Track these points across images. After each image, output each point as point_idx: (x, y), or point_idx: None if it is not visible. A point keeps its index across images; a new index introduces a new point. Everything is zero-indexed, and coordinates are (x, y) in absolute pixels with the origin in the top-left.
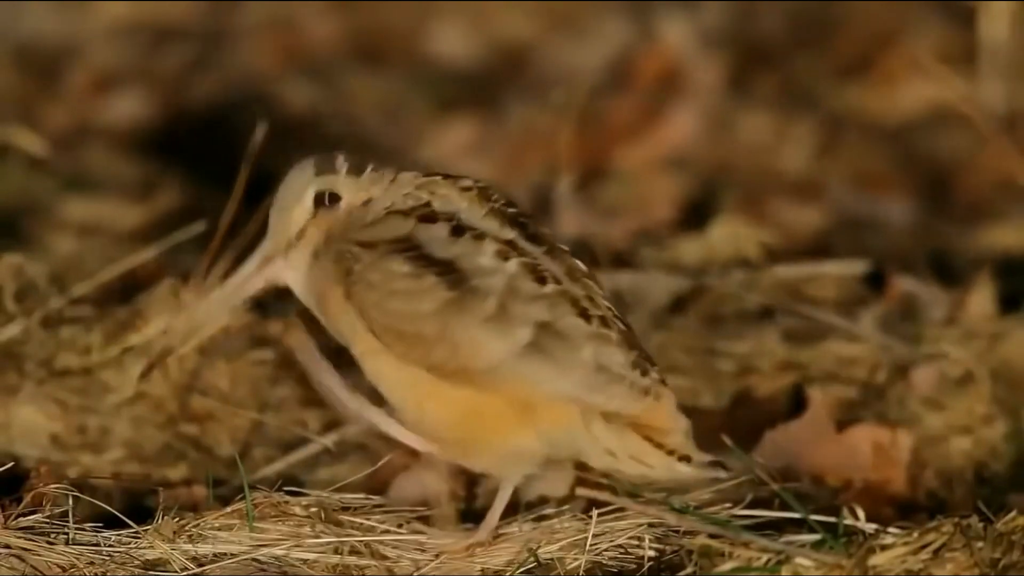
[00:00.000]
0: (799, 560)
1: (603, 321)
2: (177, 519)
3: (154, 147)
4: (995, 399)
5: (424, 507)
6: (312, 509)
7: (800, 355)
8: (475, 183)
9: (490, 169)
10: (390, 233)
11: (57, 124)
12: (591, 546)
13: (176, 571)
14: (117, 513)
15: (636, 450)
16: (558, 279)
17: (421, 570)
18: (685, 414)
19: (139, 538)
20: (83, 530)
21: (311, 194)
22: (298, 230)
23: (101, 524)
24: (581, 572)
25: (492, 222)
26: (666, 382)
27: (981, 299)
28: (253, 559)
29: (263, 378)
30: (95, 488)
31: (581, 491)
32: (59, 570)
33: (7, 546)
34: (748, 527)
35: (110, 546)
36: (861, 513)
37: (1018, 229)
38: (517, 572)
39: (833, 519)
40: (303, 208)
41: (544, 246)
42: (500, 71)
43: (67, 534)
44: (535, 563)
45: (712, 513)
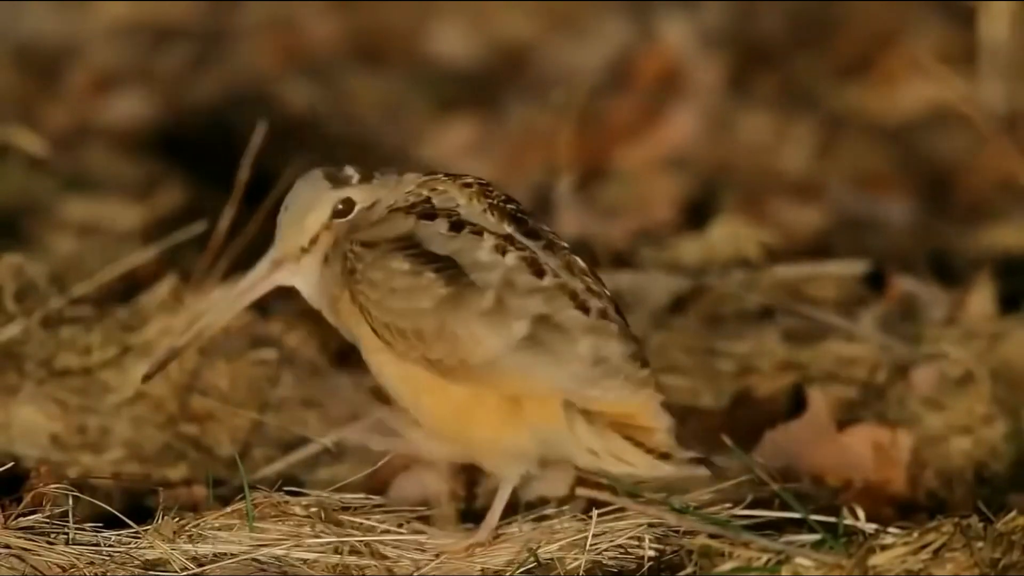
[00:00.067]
0: (799, 560)
1: (602, 314)
2: (177, 519)
3: (154, 147)
4: (995, 399)
5: (424, 507)
6: (312, 509)
7: (800, 355)
8: (475, 180)
9: (490, 169)
10: (392, 231)
11: (57, 124)
12: (591, 546)
13: (176, 571)
14: (117, 513)
15: (618, 449)
16: (556, 273)
17: (421, 570)
18: (685, 414)
19: (139, 538)
20: (83, 530)
21: (329, 206)
22: (311, 238)
23: (101, 524)
24: (581, 572)
25: (491, 218)
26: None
27: (981, 299)
28: (253, 559)
29: (263, 378)
30: (95, 488)
31: (581, 491)
32: (59, 570)
33: (7, 546)
34: (748, 527)
35: (110, 546)
36: (861, 513)
37: (1018, 229)
38: (517, 572)
39: (833, 519)
40: (317, 217)
41: (542, 241)
42: (500, 71)
43: (67, 534)
44: (535, 563)
45: (712, 513)
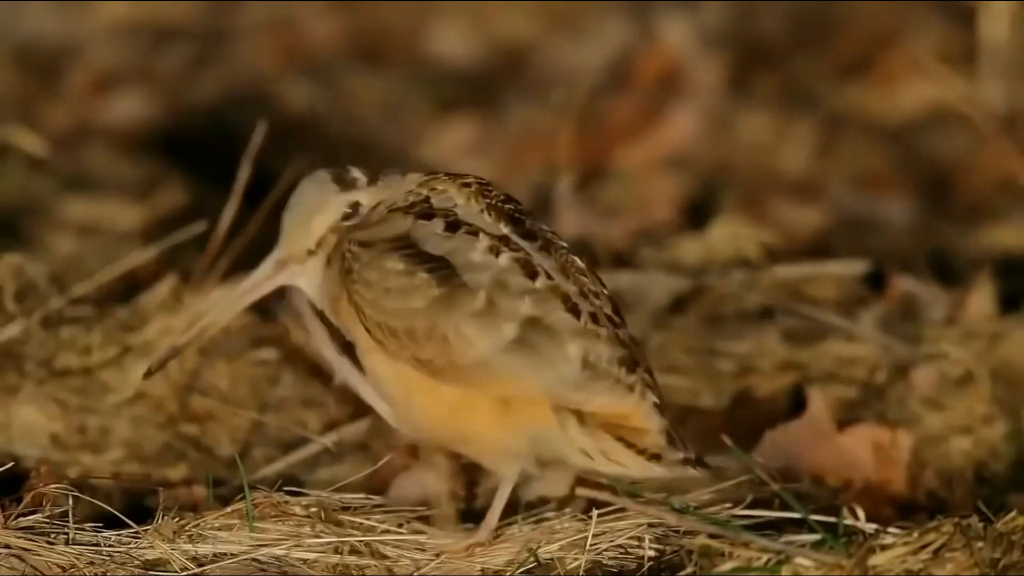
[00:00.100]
0: (799, 560)
1: (593, 317)
2: (177, 519)
3: (154, 147)
4: (995, 399)
5: (424, 507)
6: (312, 509)
7: (800, 355)
8: (475, 180)
9: (490, 169)
10: (389, 232)
11: (57, 124)
12: (591, 546)
13: (176, 571)
14: (117, 513)
15: (609, 450)
16: (550, 275)
17: (421, 570)
18: (685, 414)
19: (139, 538)
20: (83, 530)
21: (338, 209)
22: (318, 240)
23: (101, 524)
24: (581, 572)
25: (488, 218)
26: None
27: (981, 299)
28: (253, 559)
29: (263, 378)
30: (95, 488)
31: (581, 491)
32: (59, 570)
33: (7, 546)
34: (748, 527)
35: (110, 546)
36: (861, 513)
37: (1018, 229)
38: (517, 572)
39: (833, 519)
40: (324, 220)
41: (538, 241)
42: (500, 71)
43: (67, 534)
44: (535, 563)
45: (712, 513)
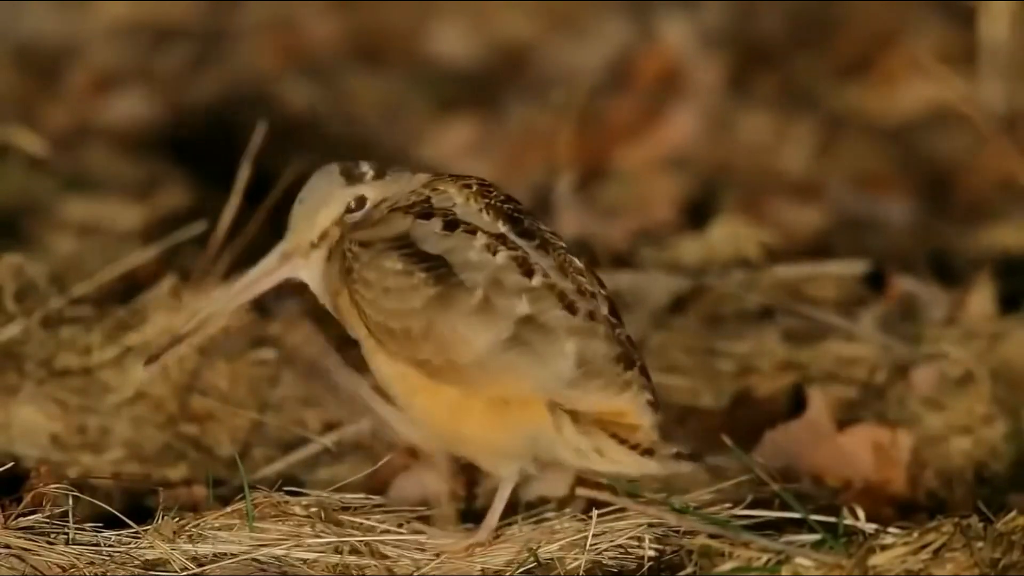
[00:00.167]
0: (799, 560)
1: (590, 315)
2: (177, 519)
3: (154, 147)
4: (995, 399)
5: (424, 507)
6: (312, 509)
7: (800, 355)
8: (476, 181)
9: (490, 169)
10: (389, 231)
11: (57, 124)
12: (591, 546)
13: (176, 571)
14: (117, 513)
15: (604, 448)
16: (547, 273)
17: (421, 570)
18: (685, 414)
19: (139, 538)
20: (83, 530)
21: (342, 202)
22: (321, 233)
23: (101, 524)
24: (581, 572)
25: (486, 217)
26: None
27: (981, 299)
28: (253, 559)
29: (263, 378)
30: (95, 488)
31: (581, 491)
32: (59, 570)
33: (7, 546)
34: (748, 527)
35: (110, 546)
36: (861, 513)
37: (1018, 229)
38: (517, 572)
39: (833, 519)
40: (329, 212)
41: (536, 240)
42: (500, 71)
43: (67, 534)
44: (535, 563)
45: (712, 513)
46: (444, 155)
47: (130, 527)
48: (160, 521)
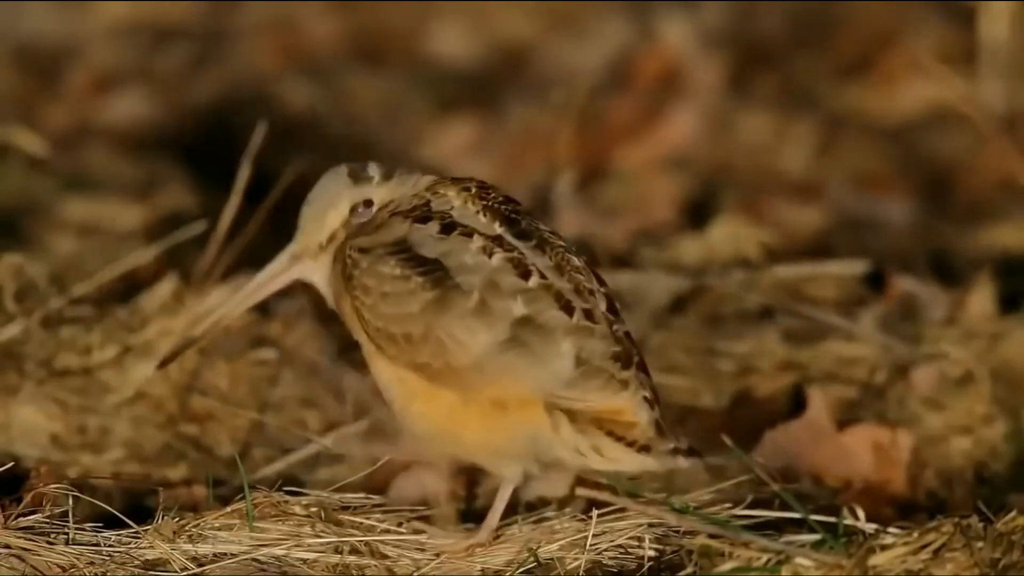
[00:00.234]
0: (799, 560)
1: (587, 314)
2: (177, 519)
3: (154, 147)
4: (995, 399)
5: (424, 507)
6: (312, 509)
7: (800, 355)
8: (476, 183)
9: (490, 169)
10: (388, 236)
11: (57, 124)
12: (591, 546)
13: (176, 571)
14: (117, 513)
15: (601, 446)
16: (543, 274)
17: (421, 570)
18: (685, 414)
19: (139, 538)
20: (83, 530)
21: (348, 202)
22: (329, 235)
23: (101, 524)
24: (581, 572)
25: (483, 219)
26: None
27: (981, 299)
28: (253, 559)
29: (263, 378)
30: (95, 488)
31: (581, 491)
32: (59, 570)
33: (7, 546)
34: (748, 527)
35: (110, 546)
36: (861, 513)
37: (1018, 229)
38: (517, 572)
39: (833, 519)
40: (337, 214)
41: (533, 241)
42: (500, 71)
43: (67, 534)
44: (535, 563)
45: (712, 513)
46: (444, 155)
47: (130, 527)
48: (160, 521)
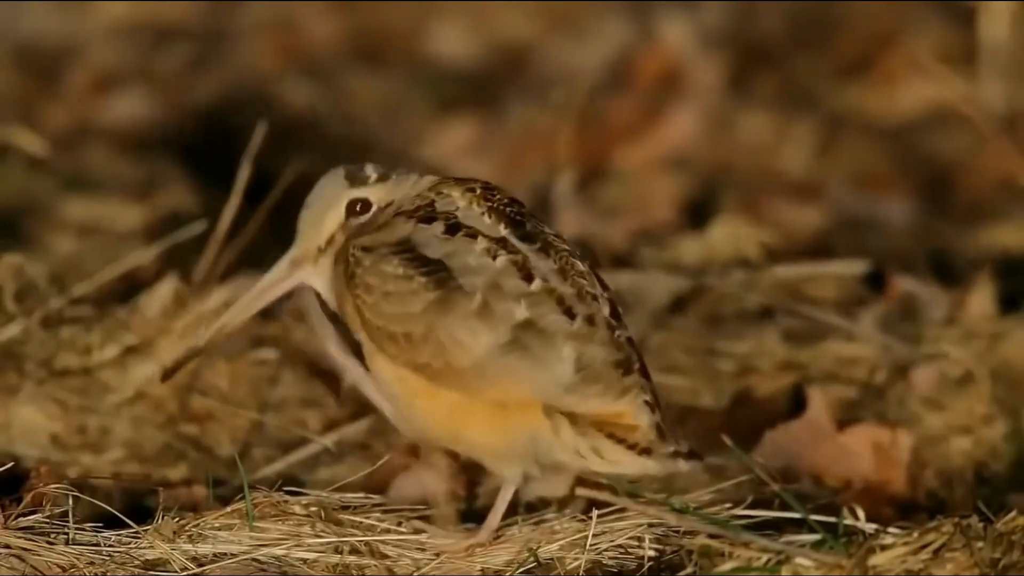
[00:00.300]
0: (799, 560)
1: (589, 320)
2: (177, 519)
3: (154, 147)
4: (995, 399)
5: (424, 507)
6: (312, 509)
7: (800, 355)
8: (480, 184)
9: (490, 169)
10: (392, 236)
11: (57, 124)
12: (591, 546)
13: (176, 571)
14: (117, 513)
15: (602, 448)
16: (546, 277)
17: (421, 570)
18: (685, 414)
19: (139, 538)
20: (83, 530)
21: (344, 203)
22: (328, 238)
23: (101, 524)
24: (581, 572)
25: (488, 220)
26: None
27: (981, 299)
28: (253, 559)
29: (263, 378)
30: (95, 488)
31: (581, 491)
32: (59, 570)
33: (7, 546)
34: (748, 527)
35: (110, 546)
36: (861, 513)
37: (1018, 229)
38: (517, 572)
39: (833, 519)
40: (335, 216)
41: (537, 244)
42: (500, 71)
43: (67, 534)
44: (535, 563)
45: (712, 513)
46: (444, 155)
47: (130, 527)
48: (160, 521)
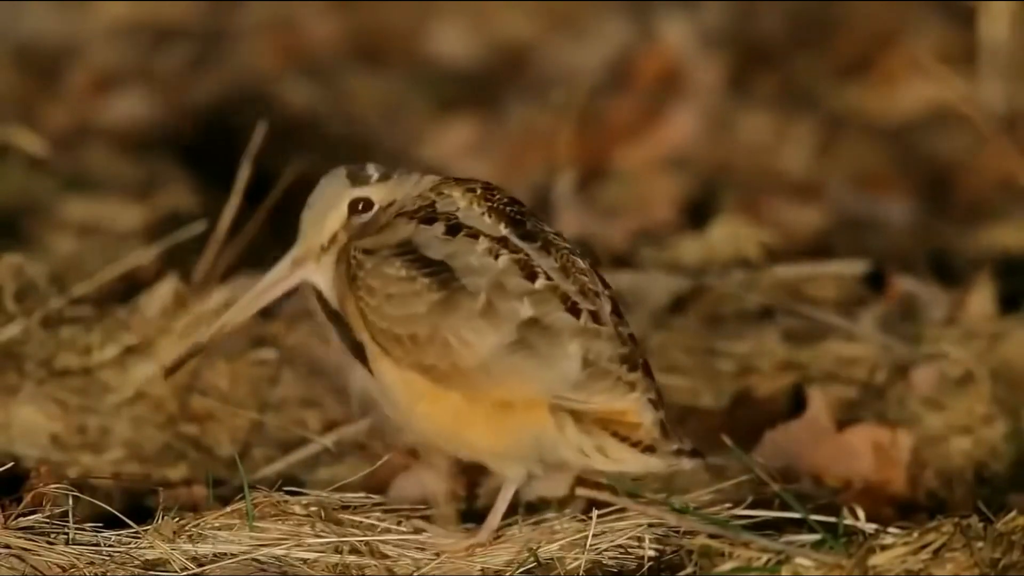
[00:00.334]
0: (799, 560)
1: (593, 316)
2: (177, 519)
3: (154, 147)
4: (995, 399)
5: (424, 507)
6: (312, 509)
7: (800, 355)
8: (481, 184)
9: (490, 169)
10: (393, 238)
11: (57, 124)
12: (591, 546)
13: (176, 571)
14: (117, 513)
15: (606, 447)
16: (549, 275)
17: (421, 570)
18: (685, 414)
19: (139, 538)
20: (83, 530)
21: (346, 203)
22: (330, 236)
23: (101, 524)
24: (581, 572)
25: (488, 220)
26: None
27: (981, 299)
28: (253, 559)
29: (263, 378)
30: (95, 488)
31: (581, 491)
32: (59, 570)
33: (7, 546)
34: (748, 527)
35: (110, 546)
36: (861, 513)
37: (1018, 229)
38: (517, 572)
39: (833, 519)
40: (337, 215)
41: (538, 242)
42: (500, 71)
43: (67, 534)
44: (535, 563)
45: (712, 513)
46: (444, 155)
47: (130, 527)
48: (160, 521)
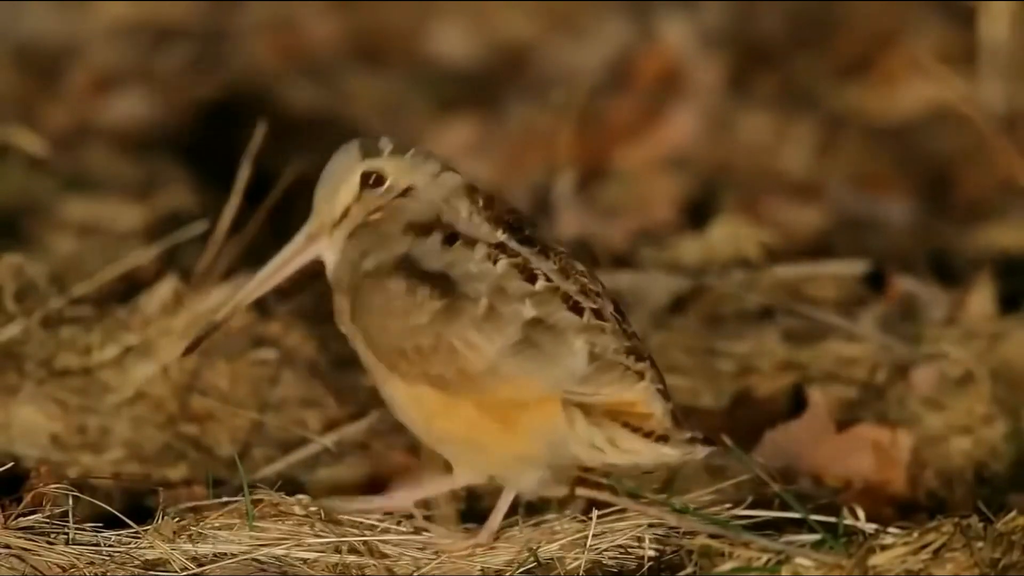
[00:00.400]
0: (799, 560)
1: (596, 313)
2: (177, 519)
3: (154, 147)
4: (995, 399)
5: (424, 507)
6: (312, 509)
7: (800, 355)
8: (484, 195)
9: (490, 169)
10: (391, 254)
11: (57, 124)
12: (591, 546)
13: (176, 571)
14: (117, 513)
15: (618, 438)
16: (549, 277)
17: (421, 570)
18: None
19: (139, 538)
20: (83, 530)
21: (358, 175)
22: (343, 210)
23: (101, 524)
24: (581, 572)
25: (485, 228)
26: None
27: (981, 299)
28: (253, 559)
29: (263, 378)
30: (95, 488)
31: (581, 491)
32: (59, 570)
33: (7, 546)
34: (748, 527)
35: (110, 546)
36: (861, 513)
37: (1018, 229)
38: (517, 572)
39: (833, 519)
40: (349, 189)
41: (536, 247)
42: (500, 71)
43: (67, 534)
44: (535, 563)
45: (712, 513)
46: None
47: (130, 527)
48: (160, 521)
